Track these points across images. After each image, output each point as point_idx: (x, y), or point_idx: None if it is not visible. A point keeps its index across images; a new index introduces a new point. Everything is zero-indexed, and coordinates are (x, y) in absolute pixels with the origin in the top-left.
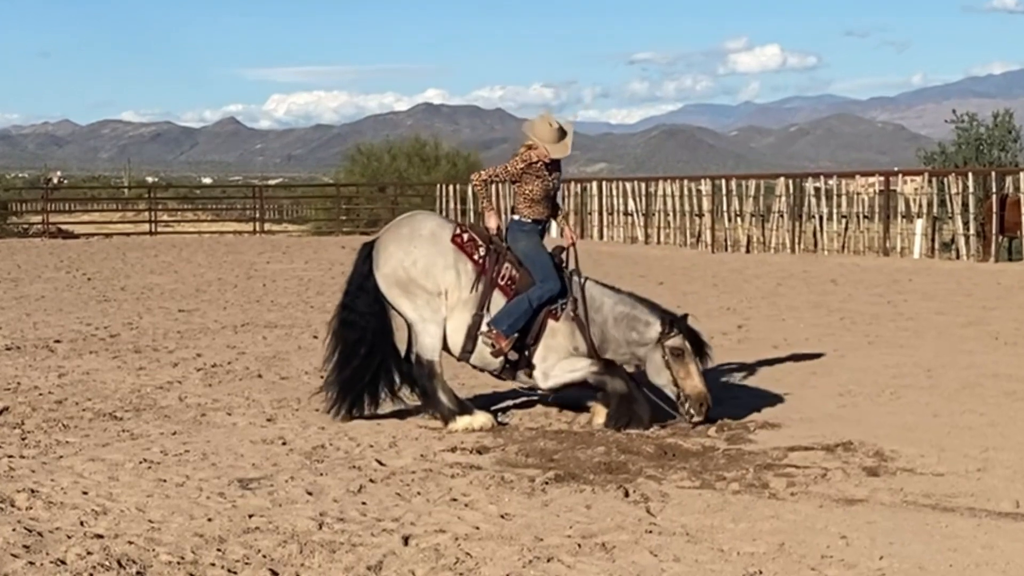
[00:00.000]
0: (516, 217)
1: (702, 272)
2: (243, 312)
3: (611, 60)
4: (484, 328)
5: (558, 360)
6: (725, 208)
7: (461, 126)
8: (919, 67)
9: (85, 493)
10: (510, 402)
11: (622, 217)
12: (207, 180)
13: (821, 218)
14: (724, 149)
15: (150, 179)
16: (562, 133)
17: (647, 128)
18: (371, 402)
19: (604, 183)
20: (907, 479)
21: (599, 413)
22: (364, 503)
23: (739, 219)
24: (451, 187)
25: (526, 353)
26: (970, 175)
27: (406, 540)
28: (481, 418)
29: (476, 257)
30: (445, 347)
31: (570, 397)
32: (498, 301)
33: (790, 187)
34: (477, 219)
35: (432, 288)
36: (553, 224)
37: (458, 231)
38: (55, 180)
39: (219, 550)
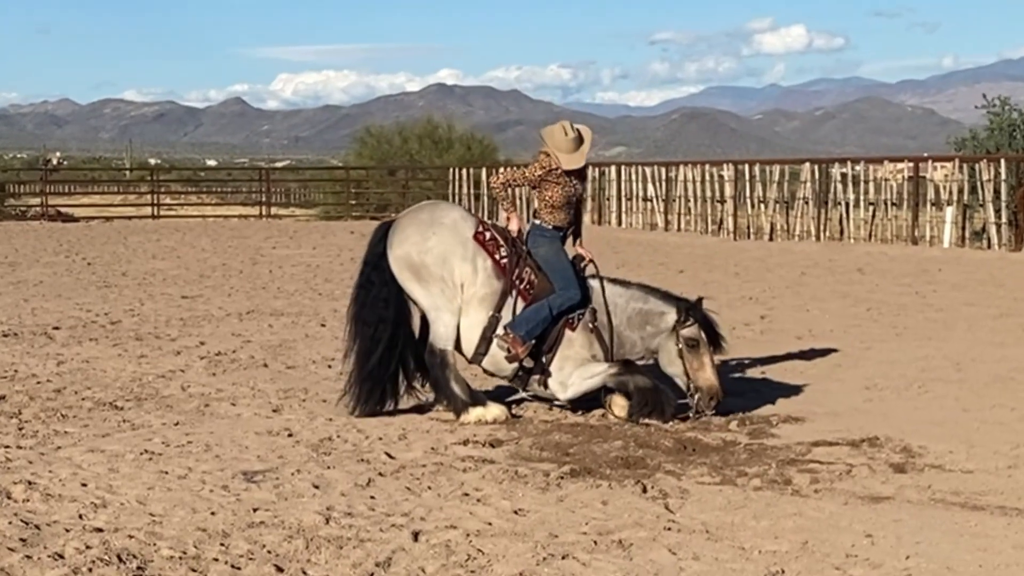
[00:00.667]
0: (537, 222)
1: (724, 260)
2: (248, 299)
3: (631, 40)
4: (501, 331)
5: (574, 368)
6: (748, 194)
7: (475, 107)
8: (950, 49)
9: (84, 485)
10: (524, 394)
11: (641, 203)
12: (211, 162)
13: (847, 205)
14: (747, 133)
15: (153, 161)
16: (579, 142)
17: (668, 111)
18: (392, 395)
19: (623, 167)
20: (935, 476)
21: (616, 405)
22: (373, 497)
23: (762, 206)
24: (464, 171)
25: (542, 360)
26: (1002, 161)
27: (416, 536)
28: (495, 410)
29: (497, 256)
30: (458, 347)
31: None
32: (516, 305)
33: (816, 173)
34: (492, 204)
35: (447, 277)
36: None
37: (481, 228)
38: (54, 161)
39: (222, 545)
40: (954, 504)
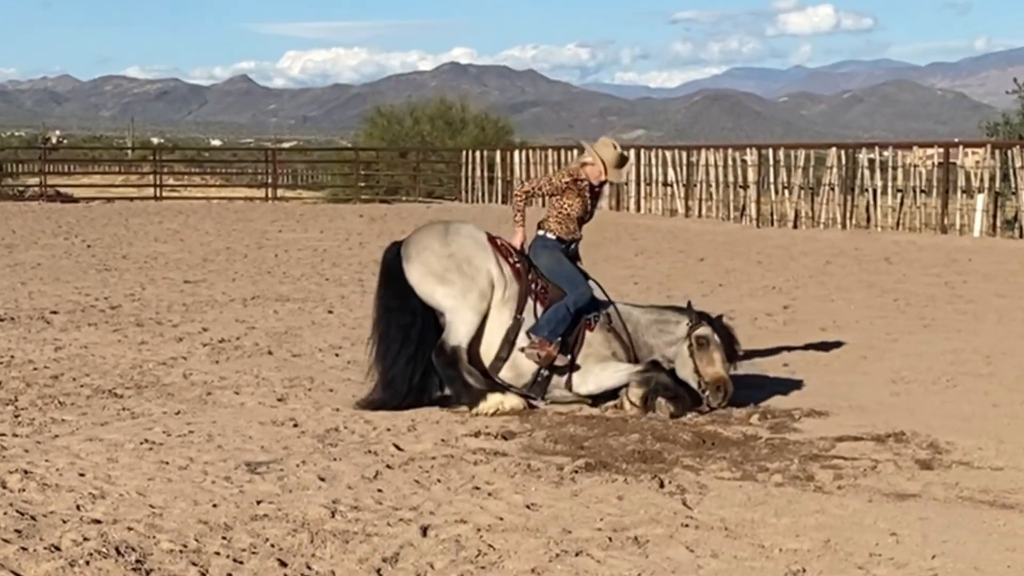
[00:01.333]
0: (541, 232)
1: (746, 248)
2: (253, 284)
3: (651, 19)
4: (525, 340)
5: (595, 363)
6: (772, 180)
7: (490, 87)
8: (983, 31)
9: (82, 475)
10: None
11: (661, 188)
12: (216, 142)
13: (875, 192)
14: (772, 116)
15: (155, 140)
16: (623, 160)
17: (689, 93)
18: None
19: (642, 151)
20: (963, 473)
21: (631, 394)
22: (380, 490)
23: (787, 192)
24: (478, 153)
25: (568, 359)
26: None
27: (424, 531)
28: (513, 399)
29: (511, 261)
30: (474, 357)
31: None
32: (536, 308)
33: (842, 158)
34: (506, 188)
35: (475, 276)
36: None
37: (491, 236)
38: (54, 140)
39: (224, 538)
40: (982, 502)
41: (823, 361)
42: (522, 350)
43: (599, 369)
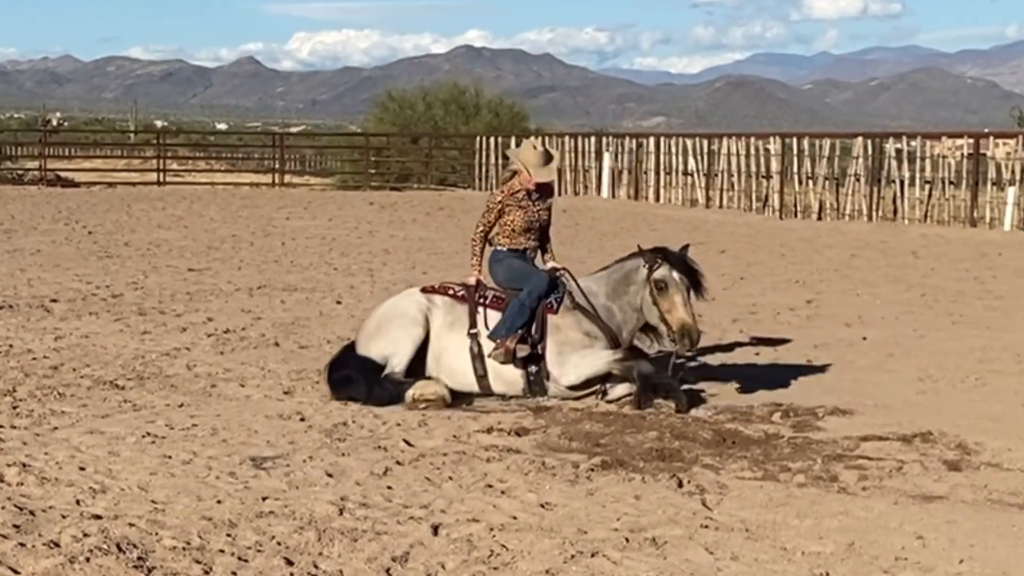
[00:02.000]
0: (493, 247)
1: (768, 240)
2: (259, 273)
3: (672, 2)
4: (488, 348)
5: (573, 352)
6: (796, 170)
7: (505, 72)
8: (1014, 17)
9: (82, 469)
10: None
11: (681, 177)
12: (222, 126)
13: (902, 183)
14: (796, 104)
15: (159, 123)
16: (548, 157)
17: (711, 79)
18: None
19: (662, 139)
20: (992, 475)
21: (613, 392)
22: (390, 487)
23: (811, 182)
24: (492, 139)
25: (538, 350)
26: None
27: (435, 529)
28: (433, 385)
29: (451, 293)
30: (458, 383)
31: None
32: (487, 317)
33: (868, 148)
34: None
35: (401, 314)
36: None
37: (424, 288)
38: (54, 122)
39: (229, 535)
40: (1012, 505)
41: (847, 358)
42: (489, 355)
43: (577, 358)
